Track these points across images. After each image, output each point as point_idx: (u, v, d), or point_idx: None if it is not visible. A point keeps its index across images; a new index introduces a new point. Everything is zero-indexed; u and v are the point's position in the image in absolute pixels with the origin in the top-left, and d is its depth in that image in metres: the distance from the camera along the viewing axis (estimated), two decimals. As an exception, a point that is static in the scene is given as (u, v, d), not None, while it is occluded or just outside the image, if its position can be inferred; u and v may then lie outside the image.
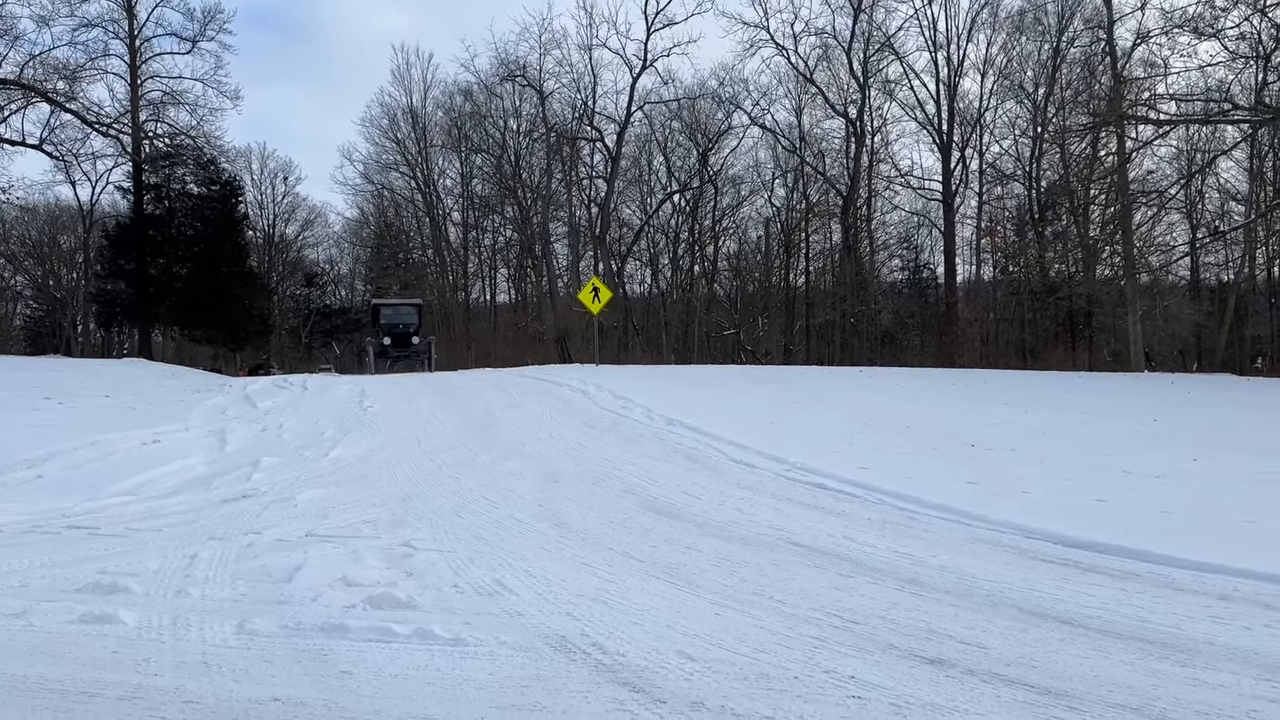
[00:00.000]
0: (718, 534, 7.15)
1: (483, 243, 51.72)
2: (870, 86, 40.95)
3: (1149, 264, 32.34)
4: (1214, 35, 24.96)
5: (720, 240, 47.80)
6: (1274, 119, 25.96)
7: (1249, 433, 11.85)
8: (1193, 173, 31.98)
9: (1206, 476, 8.90)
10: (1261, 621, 4.98)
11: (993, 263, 42.41)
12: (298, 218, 60.49)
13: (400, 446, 11.79)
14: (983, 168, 40.41)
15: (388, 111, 49.62)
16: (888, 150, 43.11)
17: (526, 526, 7.53)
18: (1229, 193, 35.07)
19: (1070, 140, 33.87)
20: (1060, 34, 35.94)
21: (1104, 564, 6.06)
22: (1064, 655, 4.55)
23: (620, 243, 46.38)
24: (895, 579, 5.92)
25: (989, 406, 15.02)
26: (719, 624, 5.09)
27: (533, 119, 45.21)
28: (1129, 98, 27.89)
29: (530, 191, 46.53)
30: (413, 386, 18.97)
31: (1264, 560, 5.82)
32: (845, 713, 3.95)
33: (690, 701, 4.08)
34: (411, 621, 5.14)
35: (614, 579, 5.98)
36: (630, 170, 45.77)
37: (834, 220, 43.92)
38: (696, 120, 44.04)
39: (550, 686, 4.29)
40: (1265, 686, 4.13)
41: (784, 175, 44.63)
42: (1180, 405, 15.63)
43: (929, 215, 42.06)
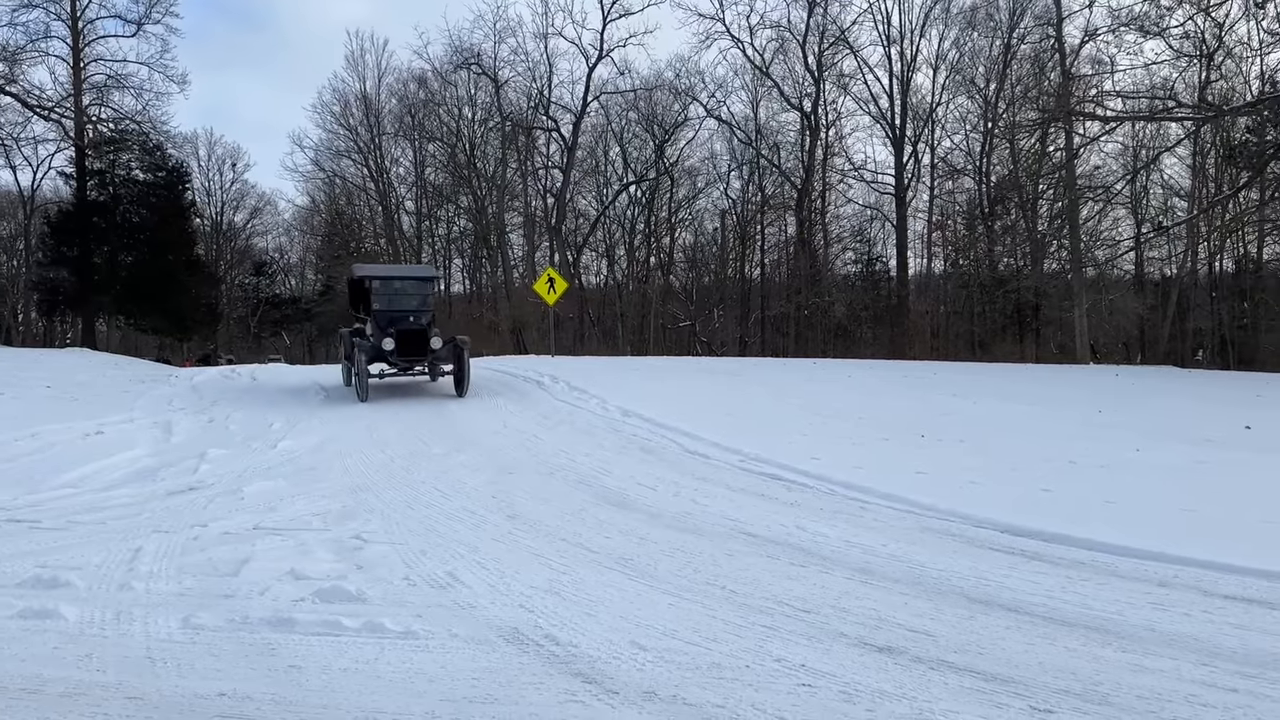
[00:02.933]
0: (672, 525, 7.16)
1: (437, 232, 51.25)
2: (825, 80, 41.25)
3: (1095, 258, 33.00)
4: (1159, 34, 25.51)
5: (676, 232, 47.91)
6: (1216, 117, 26.59)
7: (1190, 423, 12.14)
8: (1138, 169, 32.66)
9: (1149, 466, 9.11)
10: (1200, 608, 5.11)
11: (943, 256, 43.04)
12: (246, 205, 59.49)
13: (351, 439, 11.65)
14: (934, 162, 40.95)
15: (340, 97, 48.95)
16: (842, 144, 43.50)
17: (480, 519, 7.48)
18: (1172, 189, 35.92)
19: (1020, 136, 34.38)
20: (1011, 30, 36.47)
21: (1049, 552, 6.18)
22: (1010, 642, 4.63)
23: (576, 234, 46.22)
24: (846, 568, 5.98)
25: (939, 398, 15.23)
26: (672, 614, 5.10)
27: (488, 108, 44.87)
28: (1077, 94, 28.39)
29: (485, 181, 46.15)
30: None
31: (1202, 547, 5.97)
32: (796, 701, 3.98)
33: (643, 691, 4.08)
34: (361, 615, 5.09)
35: (568, 570, 5.97)
36: (586, 161, 45.64)
37: (789, 213, 44.19)
38: (653, 111, 44.02)
39: (503, 679, 4.27)
40: (1204, 671, 4.24)
41: (740, 168, 44.82)
42: (1124, 397, 15.98)
43: (882, 209, 42.52)
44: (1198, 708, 3.85)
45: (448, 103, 45.81)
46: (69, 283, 37.39)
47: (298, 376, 19.28)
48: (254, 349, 54.63)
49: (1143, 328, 36.10)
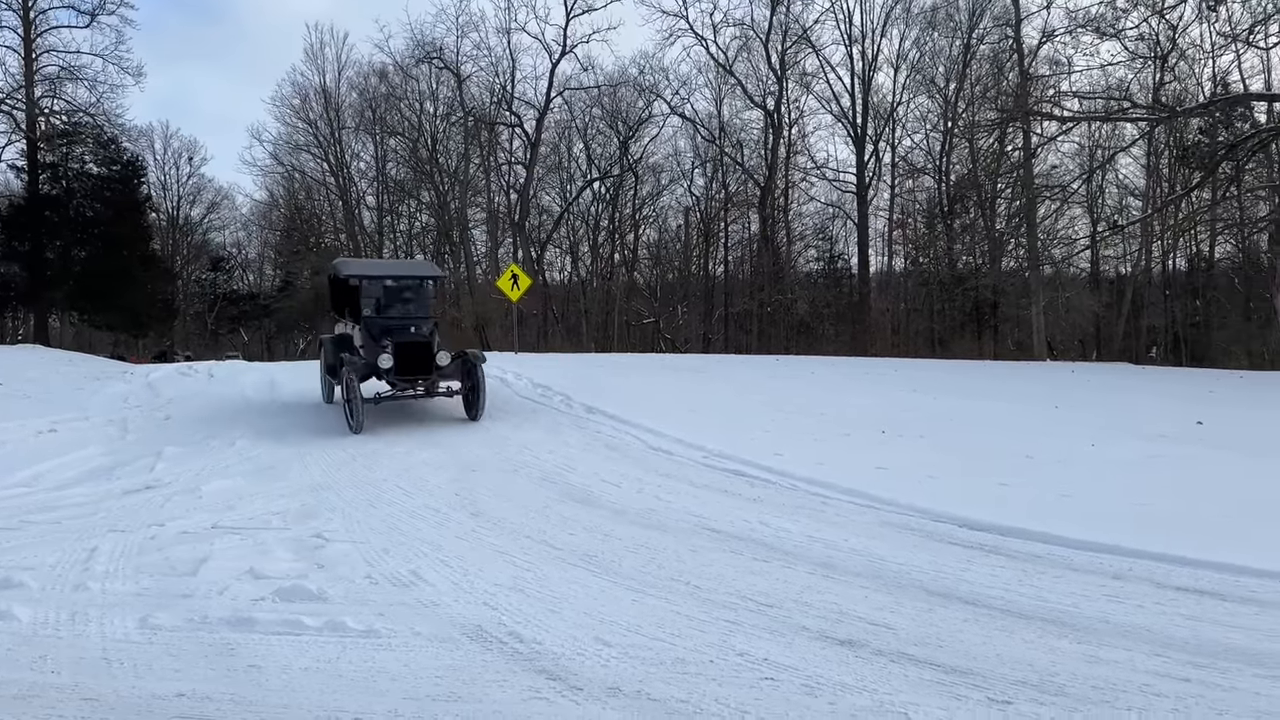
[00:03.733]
0: (636, 521, 7.18)
1: (398, 228, 50.76)
2: (788, 79, 41.42)
3: (1052, 256, 33.49)
4: (1115, 35, 25.93)
5: (640, 228, 47.86)
6: (1169, 118, 27.09)
7: (1144, 419, 12.37)
8: (1093, 168, 33.19)
9: (1104, 461, 9.27)
10: (1153, 600, 5.21)
11: (904, 254, 43.41)
12: (203, 199, 58.51)
13: (311, 438, 11.53)
14: (895, 161, 41.30)
15: (299, 91, 48.29)
16: (804, 142, 43.73)
17: (443, 516, 7.45)
18: (1127, 188, 36.54)
19: (979, 135, 34.78)
20: (971, 31, 36.87)
21: (1006, 546, 6.27)
22: (968, 635, 4.70)
23: (540, 230, 46.05)
24: (808, 563, 6.03)
25: (899, 394, 15.38)
26: (636, 610, 5.12)
27: (450, 102, 44.50)
28: (1035, 95, 28.77)
29: (447, 176, 45.81)
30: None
31: (1156, 540, 6.09)
32: (758, 694, 4.01)
33: (607, 687, 4.09)
34: (322, 614, 5.05)
35: (531, 567, 5.97)
36: (550, 157, 45.43)
37: (752, 210, 44.35)
38: (617, 108, 43.95)
39: (466, 676, 4.26)
40: (1157, 662, 4.33)
41: (703, 165, 44.87)
42: (1080, 393, 16.24)
43: (844, 207, 42.80)
44: (1151, 697, 3.93)
45: (409, 97, 45.43)
46: (20, 278, 36.57)
47: (256, 374, 19.02)
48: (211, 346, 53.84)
49: (1098, 325, 36.72)
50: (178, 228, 57.27)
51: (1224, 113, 28.37)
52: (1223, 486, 8.09)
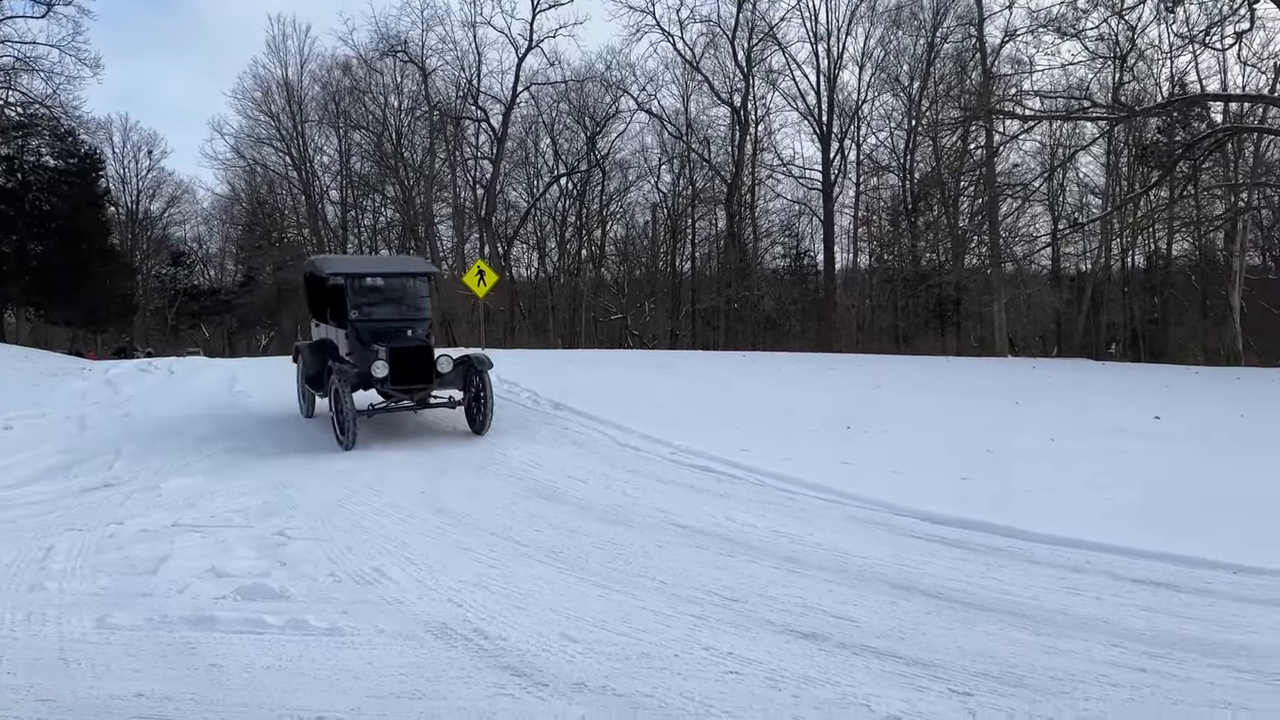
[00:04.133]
0: (603, 517, 7.18)
1: (362, 223, 50.31)
2: (754, 76, 41.55)
3: (1013, 254, 33.92)
4: (1075, 35, 26.32)
5: (608, 224, 47.82)
6: (1128, 117, 27.52)
7: (1103, 414, 12.57)
8: (1054, 167, 33.65)
9: (1063, 455, 9.41)
10: (1110, 591, 5.31)
11: (869, 251, 43.72)
12: (164, 193, 57.53)
13: (274, 435, 11.41)
14: (860, 159, 41.57)
15: (261, 84, 47.66)
16: (771, 139, 43.89)
17: (408, 513, 7.40)
18: (1087, 186, 37.07)
19: (942, 133, 35.12)
20: (935, 29, 37.20)
21: (969, 539, 6.35)
22: (931, 627, 4.75)
23: (507, 225, 45.86)
24: (774, 557, 6.06)
25: (864, 390, 15.52)
26: (602, 606, 5.12)
27: (415, 96, 44.17)
28: (997, 93, 29.12)
29: (413, 171, 45.47)
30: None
31: (1114, 533, 6.20)
32: (723, 688, 4.03)
33: (572, 683, 4.10)
34: (285, 612, 5.00)
35: (497, 564, 5.95)
36: (517, 152, 45.24)
37: (719, 207, 44.45)
38: (584, 103, 43.84)
39: (430, 673, 4.24)
40: (1114, 652, 4.40)
41: (670, 161, 44.90)
42: (1040, 388, 16.47)
43: (809, 204, 43.03)
44: (1107, 687, 4.00)
45: (373, 90, 45.03)
46: (-26, 273, 35.86)
47: (217, 370, 18.79)
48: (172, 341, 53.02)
49: (1059, 321, 37.22)
50: (137, 222, 56.33)
51: (1181, 113, 28.90)
52: (1179, 480, 8.25)
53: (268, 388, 15.62)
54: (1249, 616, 4.83)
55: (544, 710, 3.85)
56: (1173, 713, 3.73)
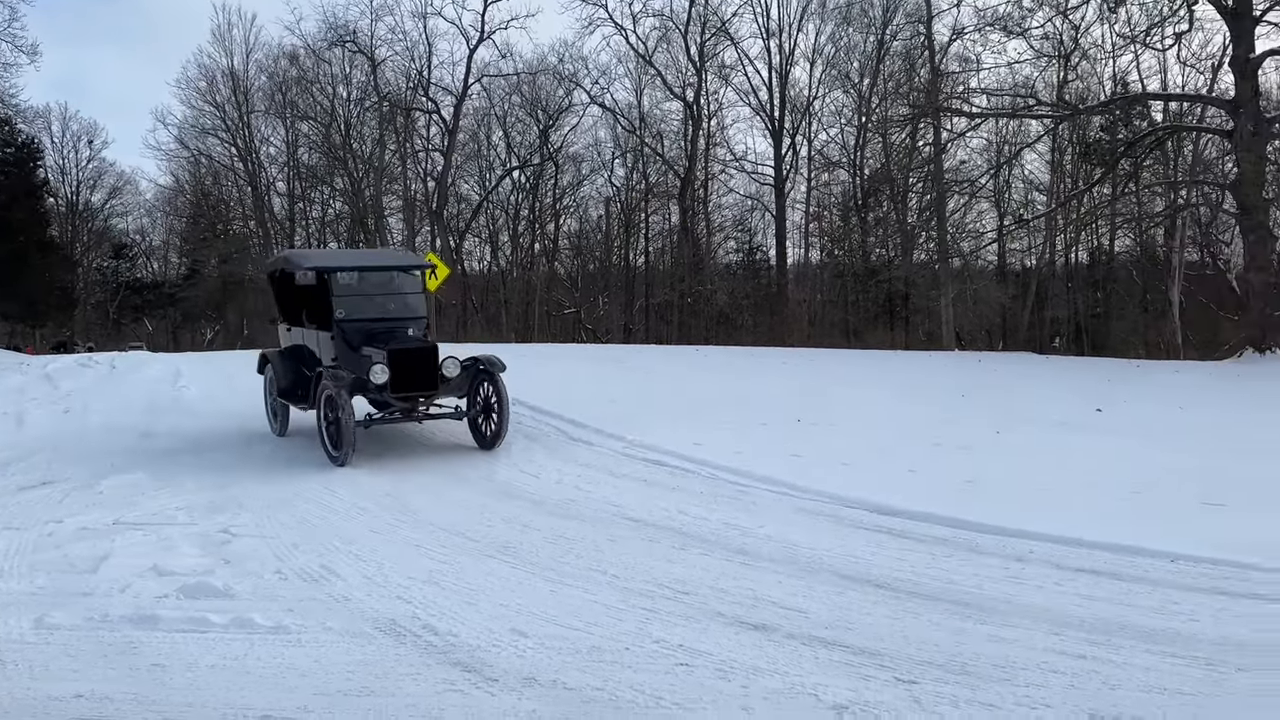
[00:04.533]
0: (555, 512, 7.17)
1: (310, 215, 49.59)
2: (707, 71, 41.68)
3: (960, 249, 34.46)
4: (1021, 34, 26.76)
5: (561, 218, 47.68)
6: (1072, 115, 28.08)
7: (1046, 406, 12.82)
8: (1000, 163, 34.21)
9: (1008, 447, 9.59)
10: (1053, 580, 5.42)
11: (820, 246, 44.11)
12: (105, 184, 56.12)
13: (219, 431, 11.21)
14: (811, 154, 41.90)
15: (206, 73, 46.71)
16: (724, 134, 44.05)
17: (355, 509, 7.33)
18: (1032, 183, 37.76)
19: (891, 130, 35.54)
20: (884, 27, 37.60)
21: (915, 530, 6.44)
22: (877, 617, 4.82)
23: (458, 218, 45.49)
24: (725, 550, 6.11)
25: (815, 384, 15.66)
26: (554, 600, 5.12)
27: (364, 87, 43.60)
28: (945, 91, 29.53)
29: (362, 163, 44.90)
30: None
31: (1056, 523, 6.33)
32: (673, 681, 4.05)
33: (522, 678, 4.09)
34: (229, 610, 4.93)
35: (448, 560, 5.91)
36: (468, 144, 44.89)
37: (672, 202, 44.54)
38: (537, 96, 43.64)
39: (378, 670, 4.21)
40: (1055, 640, 4.50)
41: (624, 155, 44.87)
42: (986, 382, 16.75)
43: (762, 199, 43.29)
44: (1048, 674, 4.09)
45: (321, 81, 44.40)
46: (-96, 265, 34.72)
47: (161, 365, 18.40)
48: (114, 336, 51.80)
49: (1004, 316, 37.86)
50: (77, 213, 54.92)
51: (1123, 111, 29.57)
52: (1119, 471, 8.43)
53: (212, 383, 15.35)
54: (1187, 604, 4.95)
55: (494, 705, 3.84)
56: (1111, 698, 3.81)
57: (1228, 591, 5.13)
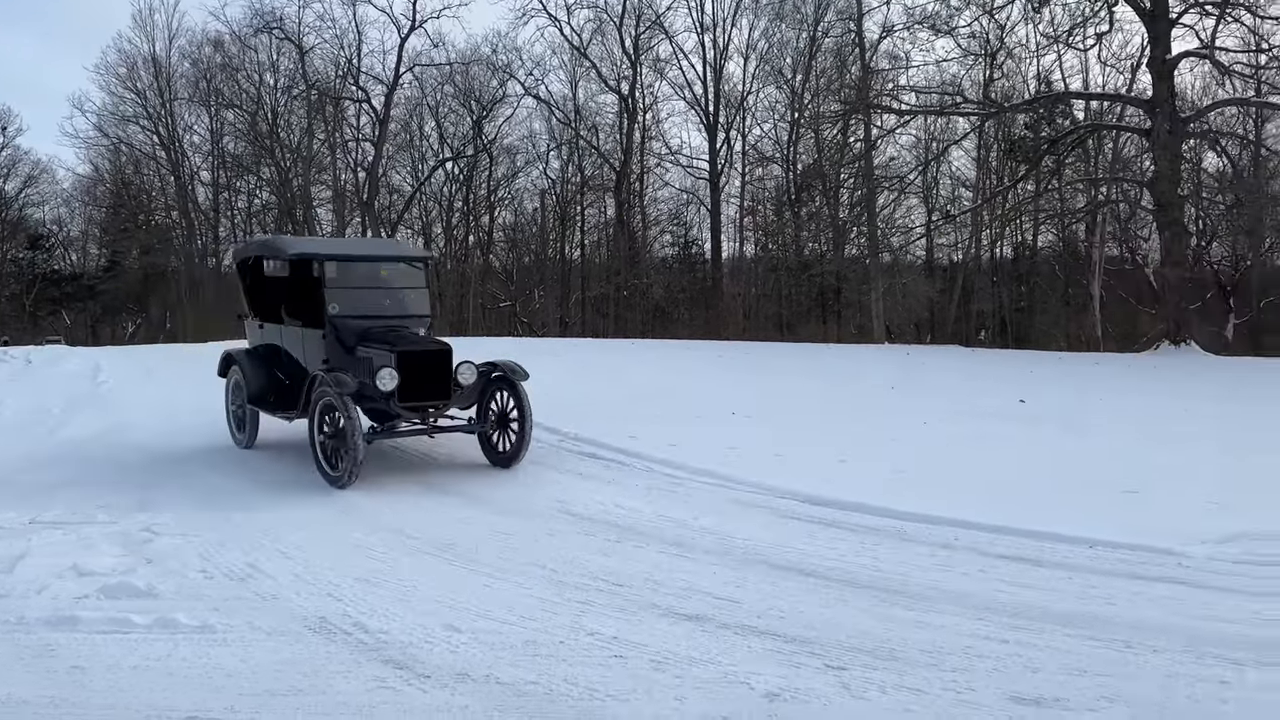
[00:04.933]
0: (491, 507, 7.12)
1: (236, 205, 48.34)
2: (642, 64, 41.64)
3: (890, 244, 35.09)
4: (949, 33, 27.36)
5: (496, 210, 47.22)
6: (997, 113, 28.76)
7: (972, 398, 13.13)
8: (929, 160, 34.88)
9: (935, 437, 9.81)
10: (977, 567, 5.57)
11: (754, 240, 44.47)
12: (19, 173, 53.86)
13: (142, 427, 10.90)
14: (745, 149, 42.20)
15: (126, 59, 45.17)
16: (659, 128, 44.09)
17: (285, 505, 7.18)
18: (959, 179, 38.54)
19: (823, 126, 35.96)
20: (816, 23, 37.97)
21: (845, 519, 6.55)
22: (808, 605, 4.89)
23: (390, 209, 44.80)
24: (660, 542, 6.14)
25: (749, 376, 15.82)
26: (488, 595, 5.09)
27: (292, 75, 42.62)
28: (875, 88, 30.01)
29: (290, 152, 43.94)
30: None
31: (981, 511, 6.50)
32: (607, 672, 4.06)
33: (455, 673, 4.06)
34: (152, 611, 4.80)
35: (381, 557, 5.83)
36: (400, 134, 44.16)
37: (608, 195, 44.46)
38: (470, 86, 43.11)
39: (307, 669, 4.14)
40: (979, 625, 4.62)
41: (559, 148, 44.59)
42: (915, 374, 17.09)
43: (697, 193, 43.45)
44: (973, 659, 4.19)
45: (247, 68, 43.28)
46: None
47: (79, 359, 17.81)
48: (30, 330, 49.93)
49: (932, 310, 38.63)
50: (-11, 202, 52.76)
51: (1047, 109, 30.35)
52: (1041, 460, 8.69)
53: (133, 378, 14.92)
54: (1105, 588, 5.13)
55: (425, 702, 3.81)
56: (1032, 681, 3.93)
57: (1143, 576, 5.32)
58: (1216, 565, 5.47)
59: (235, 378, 9.77)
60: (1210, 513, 6.60)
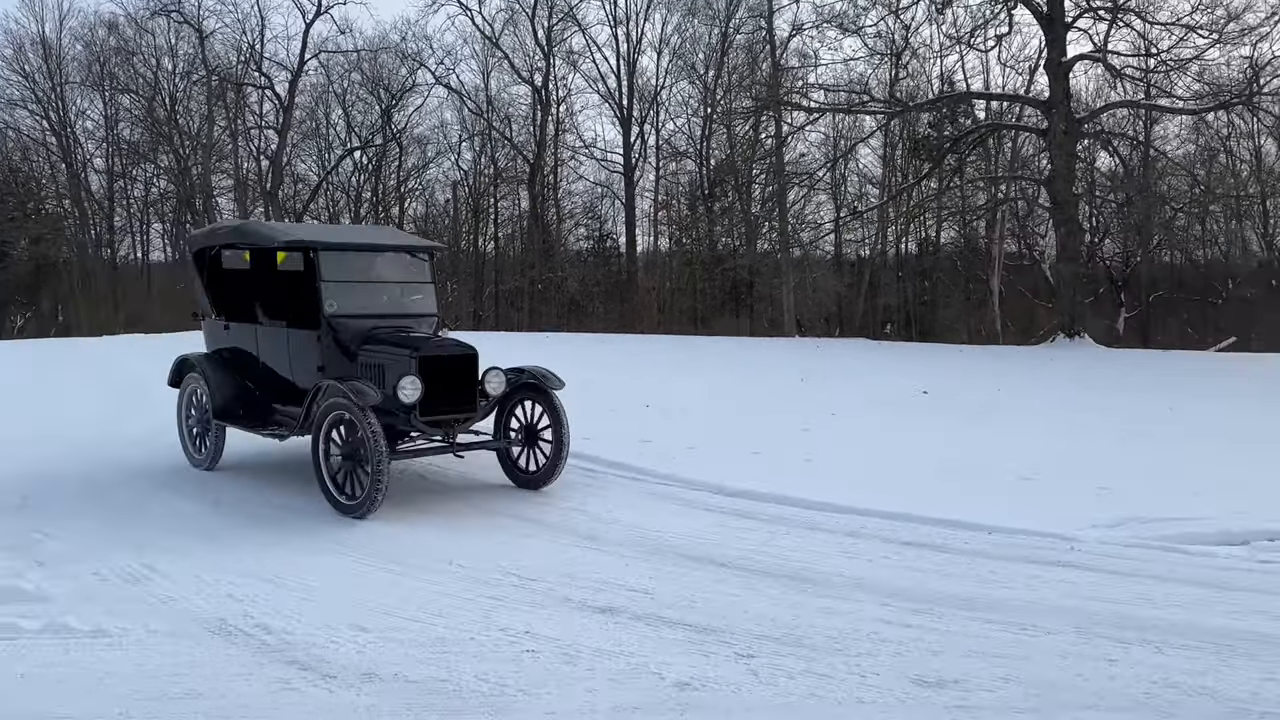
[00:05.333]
0: (400, 503, 7.00)
1: (132, 194, 46.39)
2: (555, 56, 41.38)
3: (801, 239, 35.68)
4: (856, 32, 27.91)
5: (407, 202, 46.38)
6: (902, 111, 29.46)
7: (878, 390, 13.45)
8: (837, 157, 35.53)
9: (843, 428, 10.02)
10: (881, 554, 5.72)
11: (668, 235, 44.65)
12: (-107, 157, 50.96)
13: (30, 422, 10.41)
14: (659, 144, 42.33)
15: (13, 40, 42.88)
16: (573, 120, 43.90)
17: (183, 502, 6.95)
18: (866, 177, 39.36)
19: (735, 122, 36.33)
20: (728, 20, 38.29)
21: (756, 510, 6.65)
22: (719, 595, 4.95)
23: (295, 199, 43.61)
24: (573, 535, 6.14)
25: (664, 370, 15.91)
26: (396, 593, 5.01)
27: (191, 60, 41.15)
28: (786, 85, 30.44)
29: (189, 139, 42.43)
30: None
31: (886, 500, 6.67)
32: (518, 667, 4.04)
33: (362, 673, 3.98)
34: (42, 615, 4.59)
35: (282, 555, 5.69)
36: (306, 122, 43.01)
37: (521, 187, 44.10)
38: (378, 75, 42.21)
39: (207, 672, 4.01)
40: (884, 610, 4.73)
41: (471, 139, 44.03)
42: (824, 366, 17.43)
43: (612, 187, 43.43)
44: (877, 643, 4.30)
45: (144, 52, 41.59)
46: None
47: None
48: (-95, 323, 47.19)
49: (840, 304, 39.38)
50: None
51: (949, 109, 31.23)
52: (943, 449, 8.95)
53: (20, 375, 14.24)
54: (1003, 573, 5.31)
55: (331, 702, 3.73)
56: (934, 663, 4.04)
57: (1039, 560, 5.54)
58: (1107, 549, 5.72)
59: (194, 387, 8.37)
60: (1100, 498, 6.90)
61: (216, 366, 8.25)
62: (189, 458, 8.49)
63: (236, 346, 8.30)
